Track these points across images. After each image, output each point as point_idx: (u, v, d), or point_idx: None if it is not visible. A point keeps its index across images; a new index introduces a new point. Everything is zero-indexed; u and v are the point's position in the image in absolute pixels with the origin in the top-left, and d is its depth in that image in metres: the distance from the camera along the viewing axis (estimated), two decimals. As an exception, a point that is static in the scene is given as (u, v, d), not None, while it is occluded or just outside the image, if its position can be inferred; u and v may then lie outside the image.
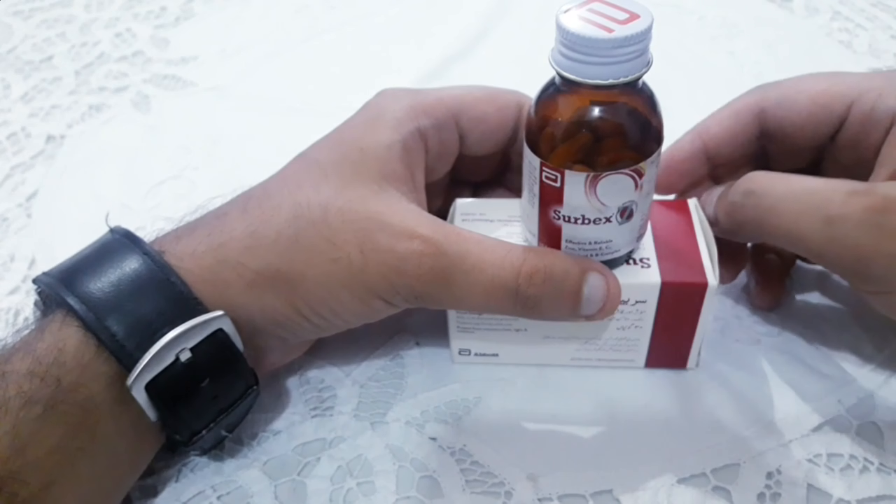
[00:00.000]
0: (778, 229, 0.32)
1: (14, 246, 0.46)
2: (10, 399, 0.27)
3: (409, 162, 0.33)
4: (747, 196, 0.33)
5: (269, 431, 0.36)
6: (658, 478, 0.33)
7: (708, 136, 0.37)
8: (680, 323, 0.35)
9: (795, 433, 0.34)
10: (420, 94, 0.35)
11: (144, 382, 0.29)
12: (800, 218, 0.31)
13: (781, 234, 0.32)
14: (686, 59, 0.58)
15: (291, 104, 0.56)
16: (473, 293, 0.31)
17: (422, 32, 0.63)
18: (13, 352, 0.29)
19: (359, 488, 0.33)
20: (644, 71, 0.28)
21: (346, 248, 0.31)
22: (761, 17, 0.62)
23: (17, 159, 0.52)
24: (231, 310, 0.31)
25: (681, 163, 0.38)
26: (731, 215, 0.34)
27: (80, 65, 0.61)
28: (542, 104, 0.30)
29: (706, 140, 0.37)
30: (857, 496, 0.32)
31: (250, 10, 0.67)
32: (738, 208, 0.33)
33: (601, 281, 0.31)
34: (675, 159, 0.38)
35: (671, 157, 0.38)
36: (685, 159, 0.38)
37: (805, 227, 0.31)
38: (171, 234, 0.33)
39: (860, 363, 0.37)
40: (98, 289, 0.30)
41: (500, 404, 0.36)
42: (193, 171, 0.51)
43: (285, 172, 0.34)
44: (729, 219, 0.34)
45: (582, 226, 0.31)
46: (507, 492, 0.33)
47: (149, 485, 0.34)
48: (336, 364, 0.38)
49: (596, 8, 0.28)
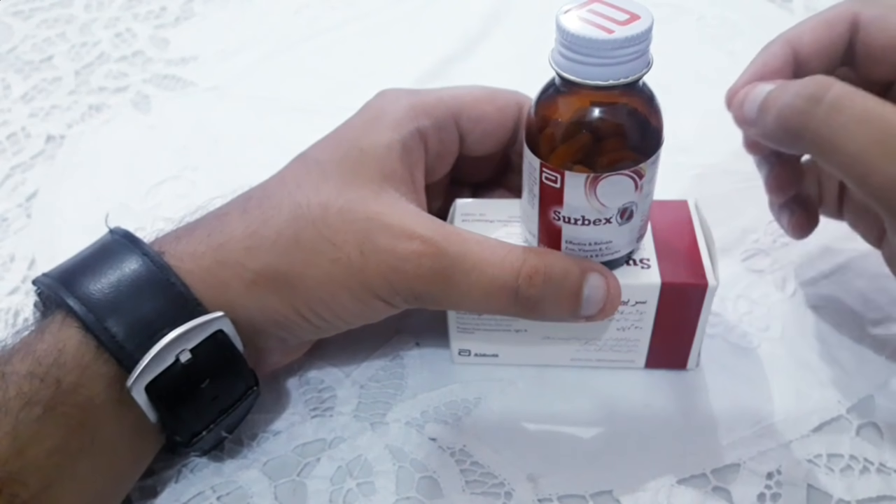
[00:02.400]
0: (842, 151, 0.28)
1: (14, 246, 0.46)
2: (10, 400, 0.27)
3: (409, 162, 0.33)
4: (816, 103, 0.29)
5: (268, 432, 0.36)
6: (658, 478, 0.33)
7: (799, 43, 0.34)
8: (680, 323, 0.35)
9: (795, 433, 0.34)
10: (420, 95, 0.35)
11: (144, 383, 0.29)
12: (871, 147, 0.28)
13: (843, 157, 0.28)
14: (686, 59, 0.58)
15: (291, 104, 0.56)
16: (473, 293, 0.31)
17: (422, 32, 0.63)
18: (13, 353, 0.29)
19: (359, 489, 0.33)
20: (644, 72, 0.28)
21: (346, 248, 0.31)
22: (761, 17, 0.62)
23: (17, 159, 0.52)
24: (231, 310, 0.31)
25: (771, 73, 0.34)
26: (786, 120, 0.30)
27: (80, 65, 0.61)
28: (542, 105, 0.30)
29: (797, 49, 0.34)
30: (857, 496, 0.32)
31: (250, 10, 0.67)
32: (800, 114, 0.29)
33: (601, 281, 0.31)
34: (768, 68, 0.34)
35: (763, 67, 0.34)
36: (776, 69, 0.34)
37: (874, 158, 0.28)
38: (171, 235, 0.33)
39: (860, 363, 0.37)
40: (98, 290, 0.30)
41: (500, 405, 0.36)
42: (193, 171, 0.51)
43: (285, 173, 0.34)
44: (781, 123, 0.30)
45: (582, 226, 0.31)
46: (507, 492, 0.33)
47: (149, 485, 0.34)
48: (336, 364, 0.38)
49: (596, 9, 0.28)
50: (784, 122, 0.30)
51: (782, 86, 0.31)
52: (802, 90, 0.30)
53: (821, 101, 0.29)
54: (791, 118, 0.30)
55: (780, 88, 0.31)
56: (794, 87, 0.30)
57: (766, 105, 0.31)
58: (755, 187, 0.38)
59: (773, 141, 0.32)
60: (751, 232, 0.44)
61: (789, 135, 0.30)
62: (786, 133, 0.30)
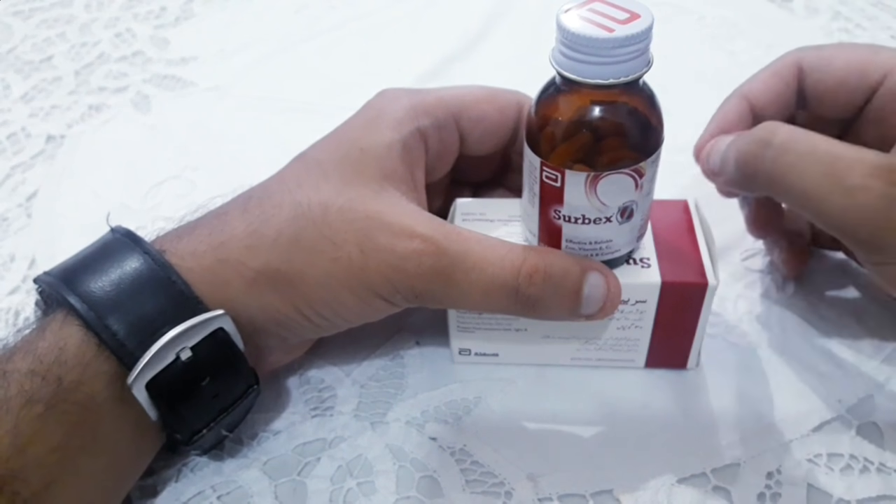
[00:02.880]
0: (793, 188, 0.30)
1: (14, 246, 0.46)
2: (12, 398, 0.27)
3: (410, 162, 0.33)
4: (765, 147, 0.31)
5: (269, 431, 0.36)
6: (658, 478, 0.33)
7: (753, 96, 0.36)
8: (680, 323, 0.35)
9: (795, 433, 0.34)
10: (420, 94, 0.35)
11: (145, 381, 0.29)
12: (820, 181, 0.29)
13: (796, 193, 0.30)
14: (686, 59, 0.58)
15: (291, 104, 0.56)
16: (473, 292, 0.31)
17: (422, 32, 0.63)
18: (14, 351, 0.29)
19: (359, 488, 0.33)
20: (644, 71, 0.28)
21: (347, 247, 0.31)
22: (761, 17, 0.62)
23: (17, 159, 0.52)
24: (231, 309, 0.31)
25: (733, 125, 0.36)
26: (744, 165, 0.32)
27: (80, 65, 0.61)
28: (543, 104, 0.30)
29: (752, 101, 0.36)
30: (857, 496, 0.32)
31: (250, 10, 0.67)
32: (753, 158, 0.31)
33: (601, 280, 0.31)
34: (727, 122, 0.36)
35: (723, 122, 0.36)
36: (736, 122, 0.36)
37: (824, 192, 0.29)
38: (172, 234, 0.33)
39: (860, 363, 0.37)
40: (99, 288, 0.30)
41: (500, 404, 0.36)
42: (193, 171, 0.51)
43: (285, 172, 0.34)
44: (740, 168, 0.32)
45: (582, 225, 0.31)
46: (507, 492, 0.33)
47: (149, 485, 0.34)
48: (336, 364, 0.38)
49: (596, 8, 0.28)
50: (741, 168, 0.32)
51: (739, 136, 0.33)
52: (754, 136, 0.32)
53: (769, 143, 0.31)
54: (747, 163, 0.32)
55: (738, 138, 0.33)
56: (748, 134, 0.32)
57: (726, 155, 0.33)
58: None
59: (737, 186, 0.34)
60: (751, 232, 0.44)
61: (747, 179, 0.32)
62: (744, 177, 0.32)
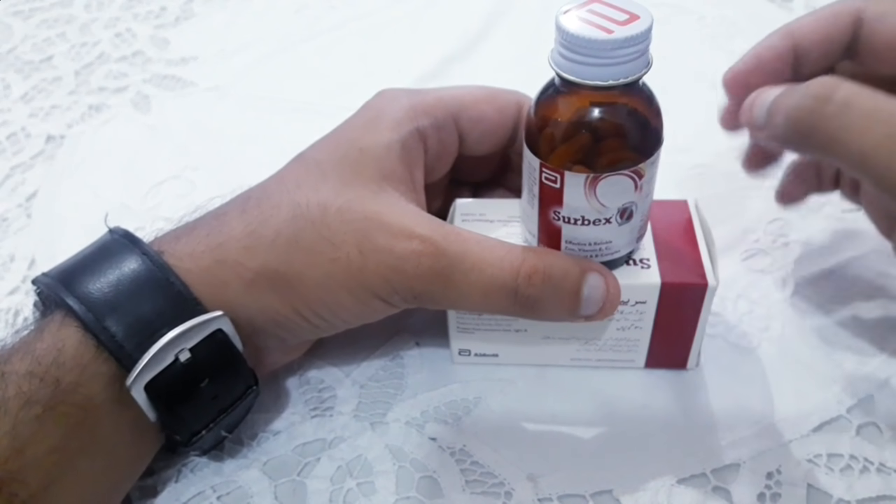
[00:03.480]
0: (852, 149, 0.28)
1: (14, 246, 0.46)
2: (10, 399, 0.27)
3: (409, 162, 0.33)
4: (824, 102, 0.29)
5: (268, 431, 0.36)
6: (658, 478, 0.33)
7: (800, 34, 0.34)
8: (680, 323, 0.35)
9: (795, 433, 0.34)
10: (419, 94, 0.35)
11: (144, 383, 0.29)
12: (882, 143, 0.27)
13: (854, 155, 0.28)
14: (686, 59, 0.58)
15: (291, 104, 0.56)
16: (472, 293, 0.31)
17: (422, 32, 0.63)
18: (12, 352, 0.29)
19: (359, 488, 0.33)
20: (644, 72, 0.28)
21: (345, 247, 0.31)
22: (761, 16, 0.62)
23: (17, 159, 0.52)
24: (230, 310, 0.31)
25: (769, 61, 0.34)
26: (795, 121, 0.30)
27: (80, 65, 0.61)
28: (542, 105, 0.30)
29: (797, 39, 0.34)
30: (857, 496, 0.32)
31: (250, 10, 0.67)
32: (809, 114, 0.29)
33: (600, 281, 0.31)
34: (763, 57, 0.34)
35: (758, 55, 0.34)
36: (774, 57, 0.34)
37: (886, 155, 0.27)
38: (171, 235, 0.33)
39: (860, 363, 0.37)
40: (97, 289, 0.30)
41: (500, 404, 0.36)
42: (193, 171, 0.51)
43: (284, 172, 0.34)
44: (791, 125, 0.30)
45: (582, 226, 0.31)
46: (507, 492, 0.33)
47: (149, 485, 0.34)
48: (336, 364, 0.38)
49: (595, 9, 0.28)
50: (793, 124, 0.30)
51: (790, 89, 0.31)
52: (810, 91, 0.29)
53: (829, 100, 0.28)
54: (800, 119, 0.29)
55: (788, 91, 0.30)
56: (802, 88, 0.30)
57: (774, 108, 0.31)
58: (755, 187, 0.38)
59: (784, 143, 0.32)
60: (751, 232, 0.44)
61: (799, 135, 0.30)
62: (795, 134, 0.30)
